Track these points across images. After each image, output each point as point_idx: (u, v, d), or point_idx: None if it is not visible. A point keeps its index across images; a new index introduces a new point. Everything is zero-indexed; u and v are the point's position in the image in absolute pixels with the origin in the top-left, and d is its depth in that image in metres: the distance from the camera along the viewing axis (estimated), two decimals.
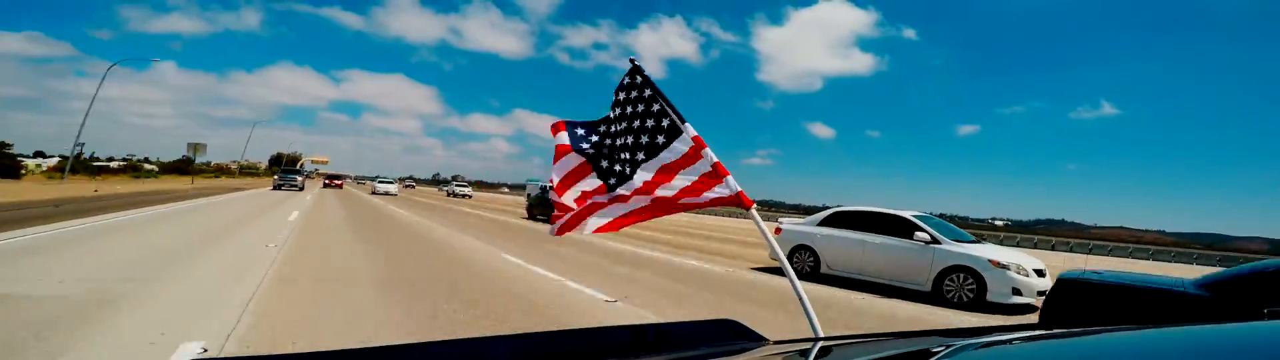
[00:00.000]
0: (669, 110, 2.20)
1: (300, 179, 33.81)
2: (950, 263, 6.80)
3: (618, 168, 2.34)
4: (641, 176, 2.21)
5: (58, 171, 34.42)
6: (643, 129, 2.25)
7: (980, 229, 58.75)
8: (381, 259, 7.21)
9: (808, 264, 8.15)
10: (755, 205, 2.19)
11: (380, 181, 41.14)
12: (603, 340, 1.10)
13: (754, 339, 1.09)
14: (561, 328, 2.23)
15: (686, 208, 2.25)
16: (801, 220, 8.88)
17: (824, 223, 8.28)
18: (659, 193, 2.18)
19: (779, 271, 8.13)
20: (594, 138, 2.49)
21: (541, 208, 17.90)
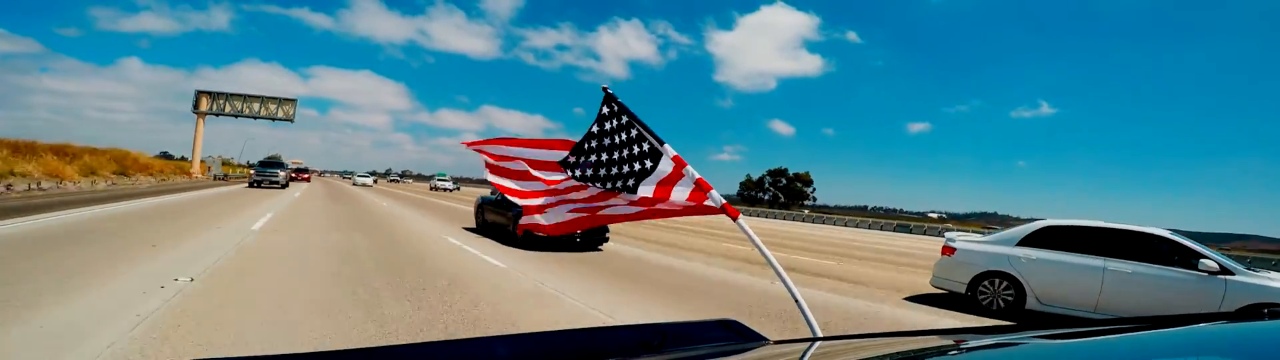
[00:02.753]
0: (646, 134, 2.26)
1: (283, 174, 27.93)
2: (1254, 301, 5.09)
3: (609, 187, 2.40)
4: (640, 194, 2.27)
5: None
6: (628, 157, 2.33)
7: (918, 221, 60.35)
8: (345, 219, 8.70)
9: (1003, 296, 6.19)
10: (742, 216, 2.22)
11: (359, 176, 52.47)
12: (603, 340, 1.09)
13: (754, 339, 1.09)
14: (561, 328, 2.23)
15: (671, 215, 2.31)
16: (983, 237, 7.04)
17: (1027, 241, 6.35)
18: (644, 206, 2.27)
19: (948, 306, 6.43)
20: (580, 167, 2.54)
21: (497, 212, 10.74)
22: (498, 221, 10.83)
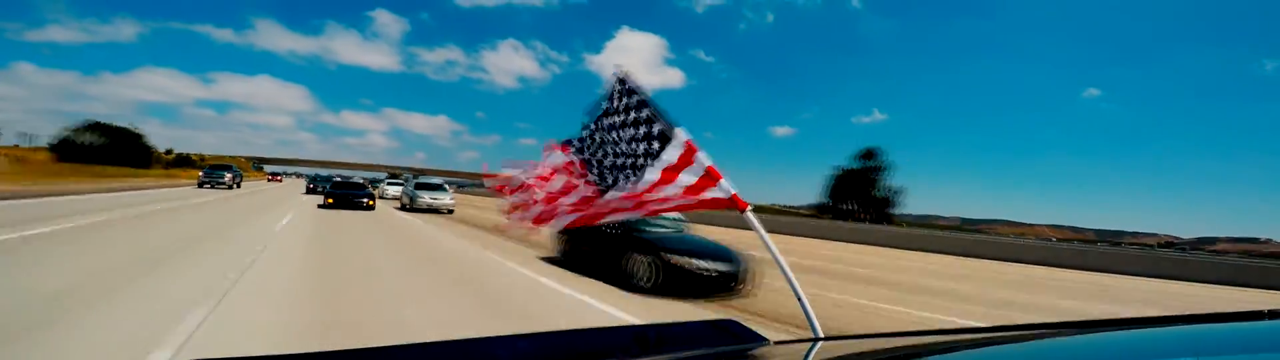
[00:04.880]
0: (657, 116, 2.20)
1: (229, 176, 28.70)
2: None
3: (615, 174, 2.35)
4: (645, 179, 2.21)
5: None
6: (635, 137, 2.27)
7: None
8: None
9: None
10: (751, 207, 2.18)
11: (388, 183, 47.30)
12: (603, 340, 1.09)
13: (754, 339, 1.09)
14: (562, 329, 2.22)
15: (677, 208, 2.26)
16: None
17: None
18: (651, 195, 2.20)
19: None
20: (587, 147, 2.51)
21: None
22: (595, 250, 7.73)
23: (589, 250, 7.93)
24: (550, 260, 8.53)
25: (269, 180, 52.02)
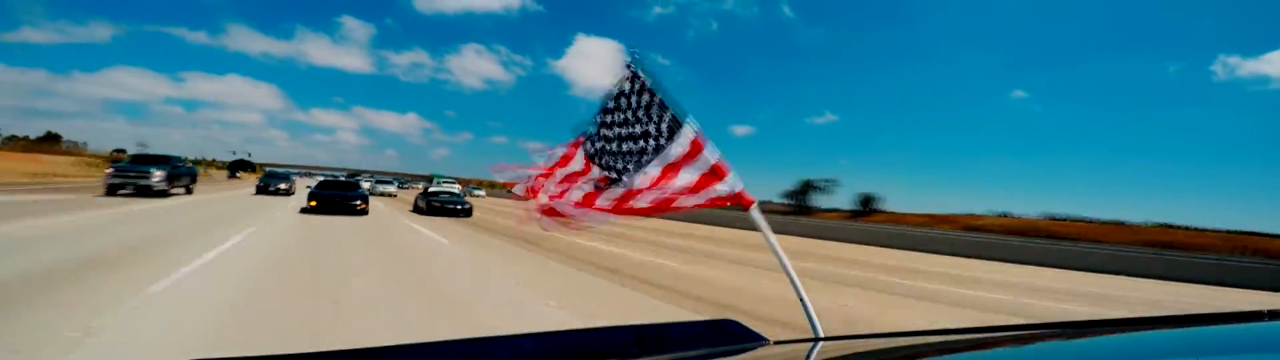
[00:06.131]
0: (668, 106, 2.13)
1: (159, 175, 16.10)
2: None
3: (619, 165, 2.30)
4: (646, 174, 2.17)
5: None
6: (644, 126, 2.19)
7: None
8: None
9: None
10: (757, 204, 2.15)
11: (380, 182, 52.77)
12: (603, 340, 1.09)
13: (754, 339, 1.09)
14: (562, 329, 2.22)
15: (683, 208, 2.21)
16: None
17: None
18: (655, 193, 2.14)
19: None
20: (596, 136, 2.44)
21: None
22: None
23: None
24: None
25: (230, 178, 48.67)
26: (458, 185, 46.20)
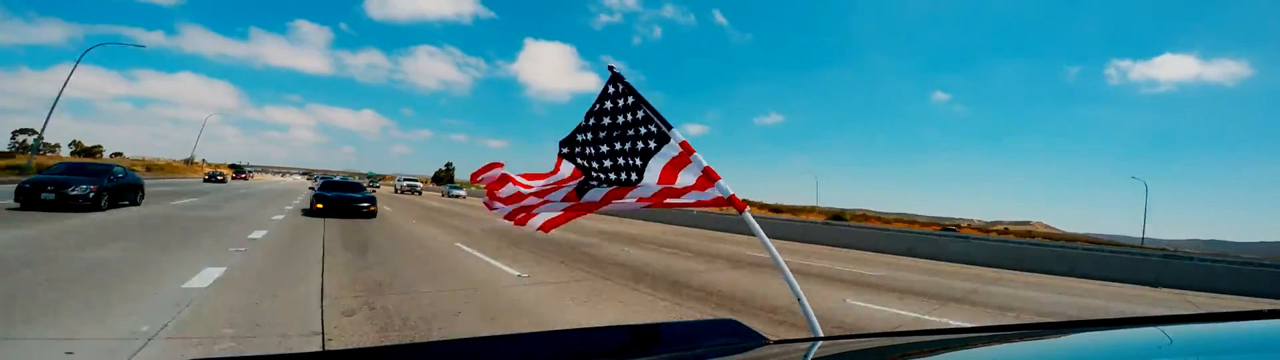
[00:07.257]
0: (654, 116, 2.19)
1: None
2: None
3: (611, 176, 2.33)
4: (651, 170, 2.19)
5: None
6: (633, 136, 2.25)
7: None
8: None
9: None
10: (749, 209, 2.17)
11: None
12: (602, 340, 1.09)
13: (754, 339, 1.09)
14: (561, 329, 2.22)
15: (685, 204, 2.24)
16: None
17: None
18: (658, 188, 2.17)
19: None
20: (581, 149, 2.49)
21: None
22: None
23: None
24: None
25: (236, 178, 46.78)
26: (418, 183, 47.92)
